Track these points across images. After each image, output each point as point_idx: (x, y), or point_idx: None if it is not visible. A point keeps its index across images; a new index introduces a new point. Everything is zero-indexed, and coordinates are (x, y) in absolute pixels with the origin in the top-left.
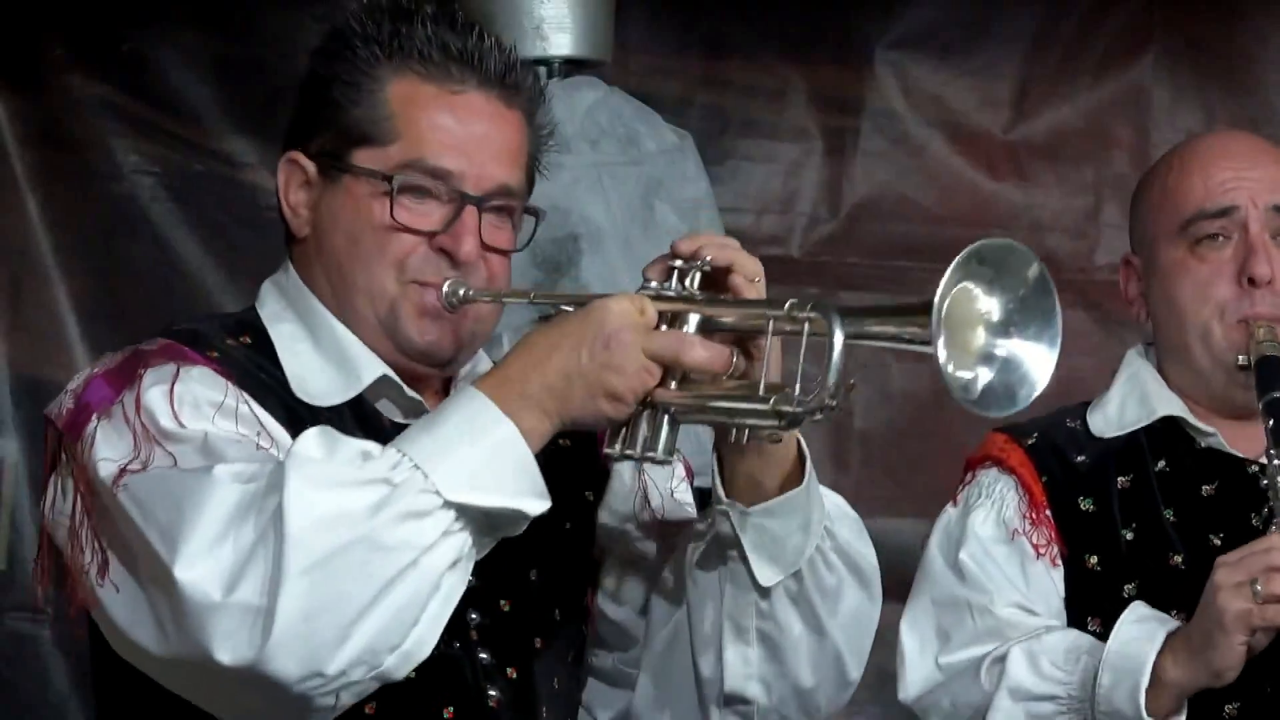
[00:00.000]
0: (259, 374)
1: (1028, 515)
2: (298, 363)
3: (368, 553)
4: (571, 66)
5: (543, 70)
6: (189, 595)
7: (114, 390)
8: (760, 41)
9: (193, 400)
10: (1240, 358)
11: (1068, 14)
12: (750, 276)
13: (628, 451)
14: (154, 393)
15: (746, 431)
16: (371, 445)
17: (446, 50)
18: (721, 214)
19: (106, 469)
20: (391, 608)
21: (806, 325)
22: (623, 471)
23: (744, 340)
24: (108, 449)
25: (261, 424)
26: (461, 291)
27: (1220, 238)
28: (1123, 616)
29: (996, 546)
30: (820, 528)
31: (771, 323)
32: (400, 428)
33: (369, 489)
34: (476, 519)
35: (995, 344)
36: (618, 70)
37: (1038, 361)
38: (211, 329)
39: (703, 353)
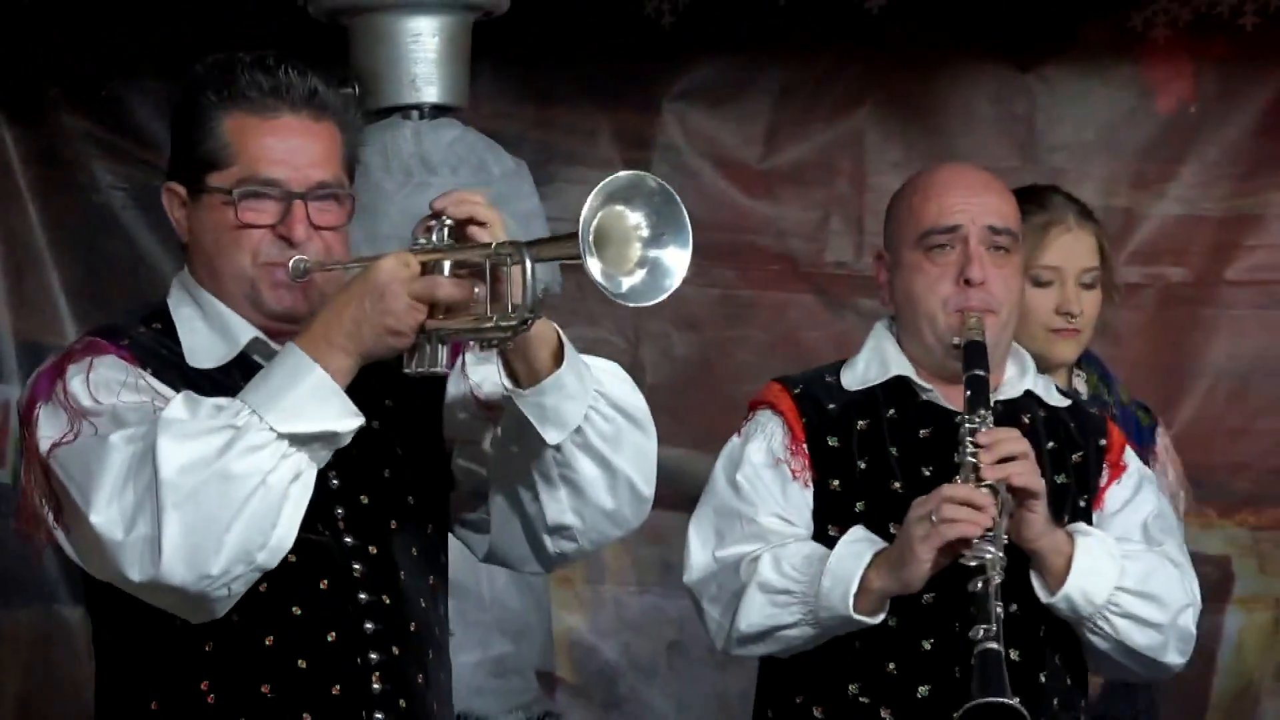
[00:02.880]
0: (161, 352)
1: (789, 447)
2: (192, 338)
3: (222, 483)
4: (438, 111)
5: (415, 113)
6: (102, 536)
7: (49, 383)
8: (577, 94)
9: (105, 383)
10: (955, 339)
11: (805, 77)
12: (484, 222)
13: (419, 370)
14: (75, 381)
15: (492, 341)
16: (223, 400)
17: (260, 88)
18: (548, 223)
19: (44, 445)
20: (250, 519)
21: (508, 259)
22: (455, 381)
23: (490, 279)
24: (47, 428)
25: (157, 391)
26: (303, 265)
27: (947, 247)
28: (843, 538)
29: (765, 470)
30: (590, 393)
31: (488, 260)
32: None
33: (219, 434)
34: (305, 441)
35: (649, 252)
36: (472, 114)
37: (673, 259)
38: (130, 321)
39: (450, 289)
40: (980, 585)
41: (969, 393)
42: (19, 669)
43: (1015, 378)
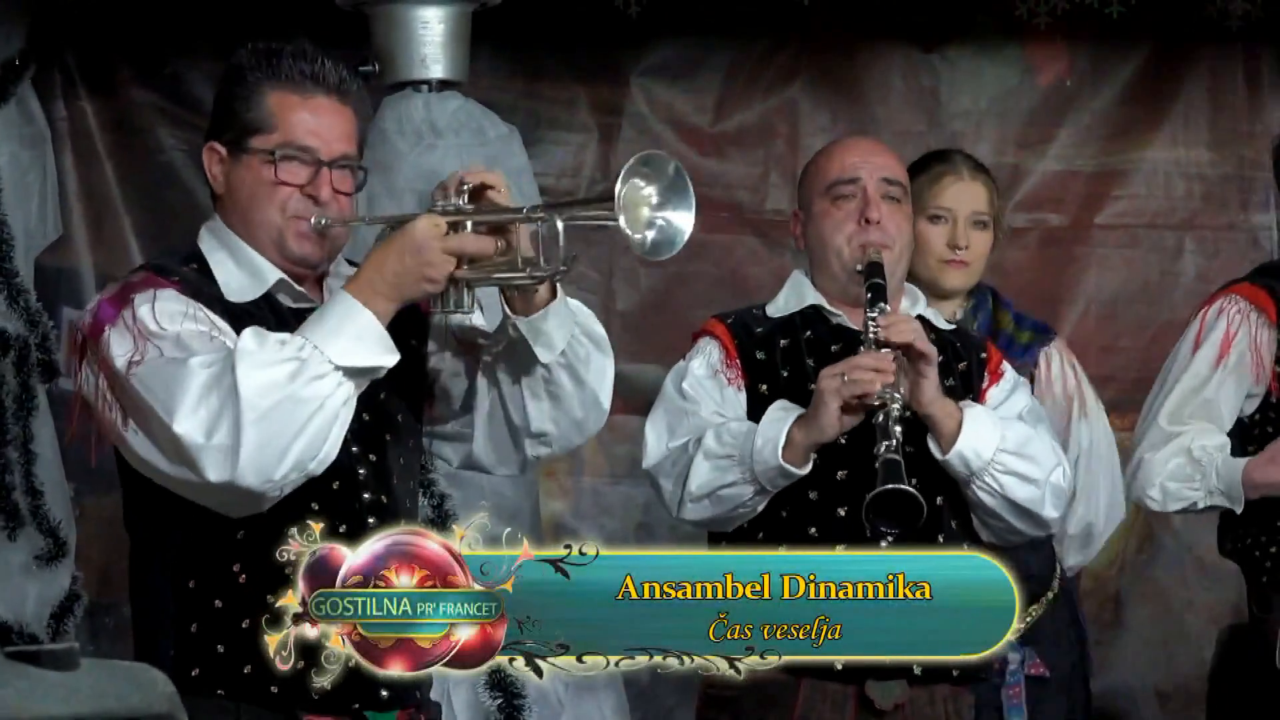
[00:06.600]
0: (204, 288)
1: (725, 362)
2: (226, 276)
3: (292, 405)
4: (443, 84)
5: (424, 86)
6: (184, 441)
7: (115, 309)
8: (560, 70)
9: (168, 312)
10: (858, 266)
11: (748, 56)
12: (498, 188)
13: (445, 310)
14: (143, 309)
15: (515, 289)
16: (285, 335)
17: (302, 72)
18: (535, 178)
19: (120, 362)
20: (310, 435)
21: (540, 221)
22: (437, 325)
23: (502, 232)
24: (118, 348)
25: (211, 322)
26: (324, 221)
27: (850, 197)
28: (768, 409)
29: (705, 380)
30: (570, 324)
31: (519, 221)
32: (295, 311)
33: (288, 364)
34: (356, 374)
35: (655, 215)
36: (471, 87)
37: (683, 221)
38: (173, 261)
39: (479, 244)
40: (881, 417)
41: (870, 295)
42: (101, 542)
43: (909, 307)
